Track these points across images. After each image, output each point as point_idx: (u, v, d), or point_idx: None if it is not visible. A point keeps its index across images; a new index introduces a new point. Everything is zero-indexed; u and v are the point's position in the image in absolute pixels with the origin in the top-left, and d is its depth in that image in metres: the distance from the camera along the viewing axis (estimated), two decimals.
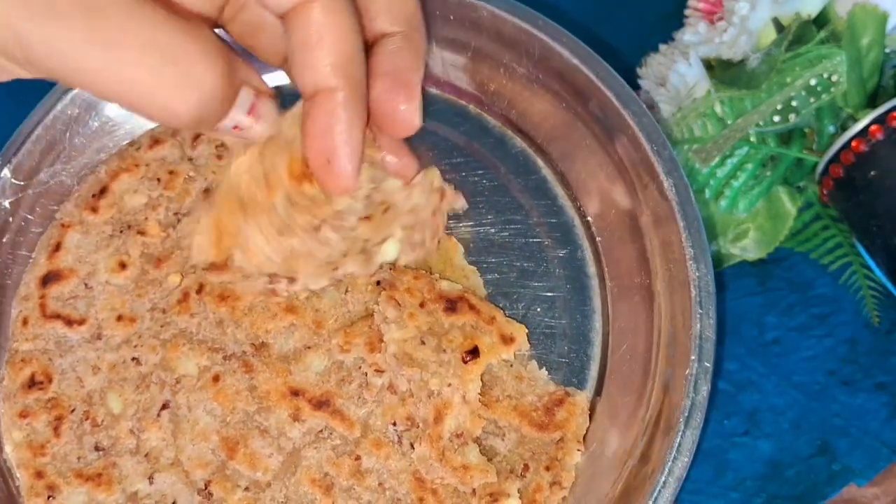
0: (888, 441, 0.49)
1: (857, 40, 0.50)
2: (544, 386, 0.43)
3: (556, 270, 0.46)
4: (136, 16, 0.30)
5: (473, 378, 0.42)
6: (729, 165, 0.52)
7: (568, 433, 0.42)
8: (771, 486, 0.49)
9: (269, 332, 0.44)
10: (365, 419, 0.43)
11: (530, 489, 0.41)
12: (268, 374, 0.43)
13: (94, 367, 0.45)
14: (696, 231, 0.42)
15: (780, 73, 0.50)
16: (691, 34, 0.56)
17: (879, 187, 0.47)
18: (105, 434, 0.44)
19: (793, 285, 0.54)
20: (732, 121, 0.51)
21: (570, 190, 0.47)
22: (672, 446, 0.39)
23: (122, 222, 0.47)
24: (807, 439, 0.50)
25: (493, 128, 0.49)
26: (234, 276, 0.44)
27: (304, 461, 0.42)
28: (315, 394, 0.43)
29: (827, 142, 0.51)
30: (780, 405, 0.51)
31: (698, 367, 0.40)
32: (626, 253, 0.45)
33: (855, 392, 0.51)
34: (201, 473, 0.42)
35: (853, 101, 0.50)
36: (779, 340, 0.52)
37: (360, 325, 0.44)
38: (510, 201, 0.47)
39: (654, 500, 0.39)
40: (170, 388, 0.44)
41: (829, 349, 0.52)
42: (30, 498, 0.43)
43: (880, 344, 0.52)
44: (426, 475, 0.41)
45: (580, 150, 0.47)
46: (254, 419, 0.43)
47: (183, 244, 0.46)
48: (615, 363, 0.44)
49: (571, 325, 0.45)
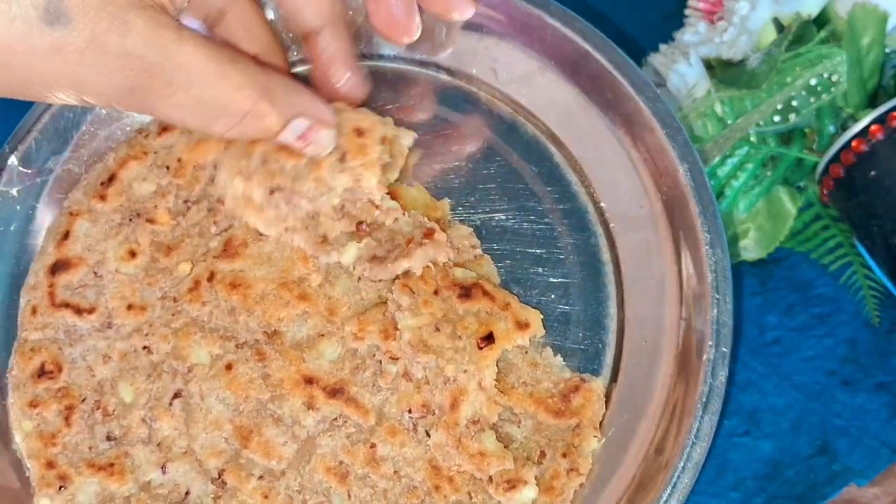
0: (888, 441, 0.49)
1: (858, 40, 0.50)
2: (560, 373, 0.43)
3: (569, 257, 0.46)
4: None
5: (489, 364, 0.42)
6: (729, 165, 0.52)
7: (584, 420, 0.42)
8: (771, 486, 0.49)
9: (281, 320, 0.44)
10: (380, 407, 0.42)
11: (547, 476, 0.41)
12: (281, 361, 0.43)
13: (104, 357, 0.44)
14: (711, 216, 0.42)
15: (781, 73, 0.50)
16: (691, 34, 0.56)
17: (879, 187, 0.47)
18: (117, 423, 0.43)
19: (793, 285, 0.54)
20: (732, 121, 0.51)
21: (583, 176, 0.47)
22: (690, 431, 0.39)
23: (132, 210, 0.47)
24: (807, 439, 0.50)
25: (504, 114, 0.49)
26: (246, 263, 0.44)
27: (319, 449, 0.42)
28: (329, 381, 0.43)
29: (827, 142, 0.51)
30: (781, 405, 0.51)
31: (716, 353, 0.40)
32: (641, 238, 0.45)
33: (855, 392, 0.51)
34: (215, 462, 0.42)
35: (853, 101, 0.50)
36: (779, 340, 0.52)
37: (373, 313, 0.43)
38: (523, 188, 0.47)
39: (673, 485, 0.39)
40: (182, 377, 0.43)
41: (830, 349, 0.52)
42: (41, 488, 0.43)
43: (880, 344, 0.52)
44: (443, 462, 0.41)
45: (593, 136, 0.47)
46: (267, 407, 0.43)
47: (192, 232, 0.46)
48: (631, 349, 0.43)
49: (586, 312, 0.45)
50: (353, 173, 0.43)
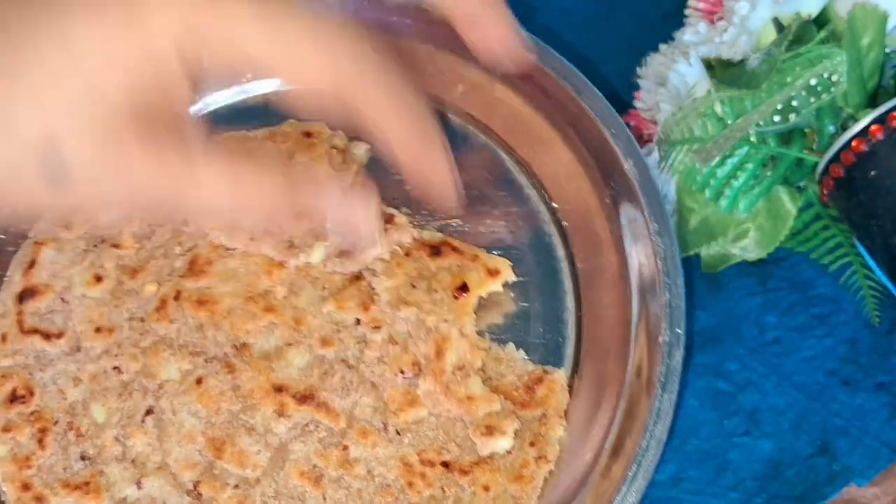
0: (888, 441, 0.49)
1: (858, 40, 0.50)
2: (523, 366, 0.45)
3: (525, 256, 0.48)
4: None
5: (467, 312, 0.44)
6: (729, 165, 0.52)
7: (549, 409, 0.44)
8: (771, 486, 0.49)
9: (249, 333, 0.45)
10: (350, 410, 0.43)
11: (517, 465, 0.42)
12: (250, 373, 0.44)
13: (75, 379, 0.45)
14: (657, 206, 0.45)
15: (780, 72, 0.50)
16: (691, 34, 0.56)
17: (880, 187, 0.47)
18: (90, 443, 0.44)
19: (793, 285, 0.54)
20: (732, 121, 0.51)
21: (535, 178, 0.49)
22: (651, 410, 0.41)
23: (96, 237, 0.48)
24: (807, 439, 0.50)
25: (456, 125, 0.50)
26: (212, 280, 0.45)
27: (292, 455, 0.43)
28: (298, 388, 0.44)
29: (827, 142, 0.51)
30: (781, 405, 0.51)
31: (670, 334, 0.42)
32: (593, 234, 0.47)
33: (855, 392, 0.51)
34: (189, 475, 0.43)
35: (853, 101, 0.50)
36: (779, 340, 0.52)
37: (349, 290, 0.45)
38: (477, 194, 0.49)
39: (638, 464, 0.40)
40: (153, 394, 0.44)
41: (830, 349, 0.52)
42: None
43: (880, 344, 0.52)
44: (433, 409, 0.43)
45: (540, 140, 0.49)
46: (239, 418, 0.43)
47: (157, 254, 0.47)
48: (590, 341, 0.45)
49: (545, 308, 0.46)
50: (303, 167, 0.45)
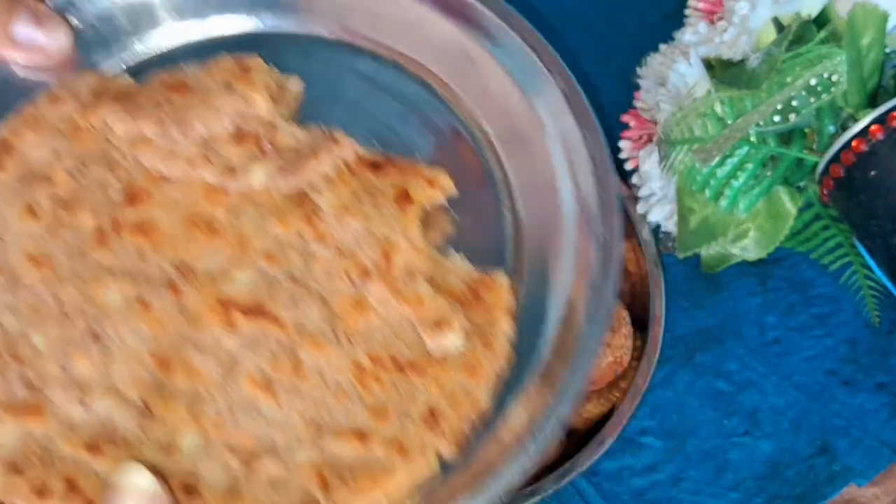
0: (888, 441, 0.49)
1: (858, 40, 0.50)
2: (467, 272, 0.45)
3: (461, 175, 0.48)
4: None
5: (412, 220, 0.45)
6: (729, 165, 0.52)
7: (496, 310, 0.44)
8: (771, 486, 0.49)
9: (192, 255, 0.44)
10: (299, 320, 0.43)
11: (469, 362, 0.42)
12: (196, 293, 0.43)
13: (13, 310, 0.44)
14: (592, 127, 0.45)
15: (780, 72, 0.50)
16: (691, 34, 0.56)
17: (880, 187, 0.47)
18: (32, 370, 0.43)
19: (793, 285, 0.54)
20: (732, 121, 0.51)
21: (461, 105, 0.49)
22: (588, 306, 0.42)
23: (28, 175, 0.47)
24: (807, 439, 0.50)
25: (386, 59, 0.51)
26: (151, 209, 0.45)
27: (243, 367, 0.42)
28: (246, 302, 0.43)
29: (827, 142, 0.51)
30: (781, 405, 0.51)
31: (605, 228, 0.43)
32: (527, 153, 0.47)
33: (855, 392, 0.51)
34: (138, 393, 0.42)
35: (853, 101, 0.50)
36: (779, 340, 0.52)
37: (293, 209, 0.45)
38: (410, 133, 0.49)
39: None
40: (96, 320, 0.43)
41: (830, 349, 0.52)
42: None
43: (880, 344, 0.52)
44: (383, 313, 0.43)
45: (470, 72, 0.49)
46: (187, 336, 0.43)
47: (93, 187, 0.46)
48: (530, 244, 0.46)
49: (483, 220, 0.47)
50: (242, 95, 0.46)
